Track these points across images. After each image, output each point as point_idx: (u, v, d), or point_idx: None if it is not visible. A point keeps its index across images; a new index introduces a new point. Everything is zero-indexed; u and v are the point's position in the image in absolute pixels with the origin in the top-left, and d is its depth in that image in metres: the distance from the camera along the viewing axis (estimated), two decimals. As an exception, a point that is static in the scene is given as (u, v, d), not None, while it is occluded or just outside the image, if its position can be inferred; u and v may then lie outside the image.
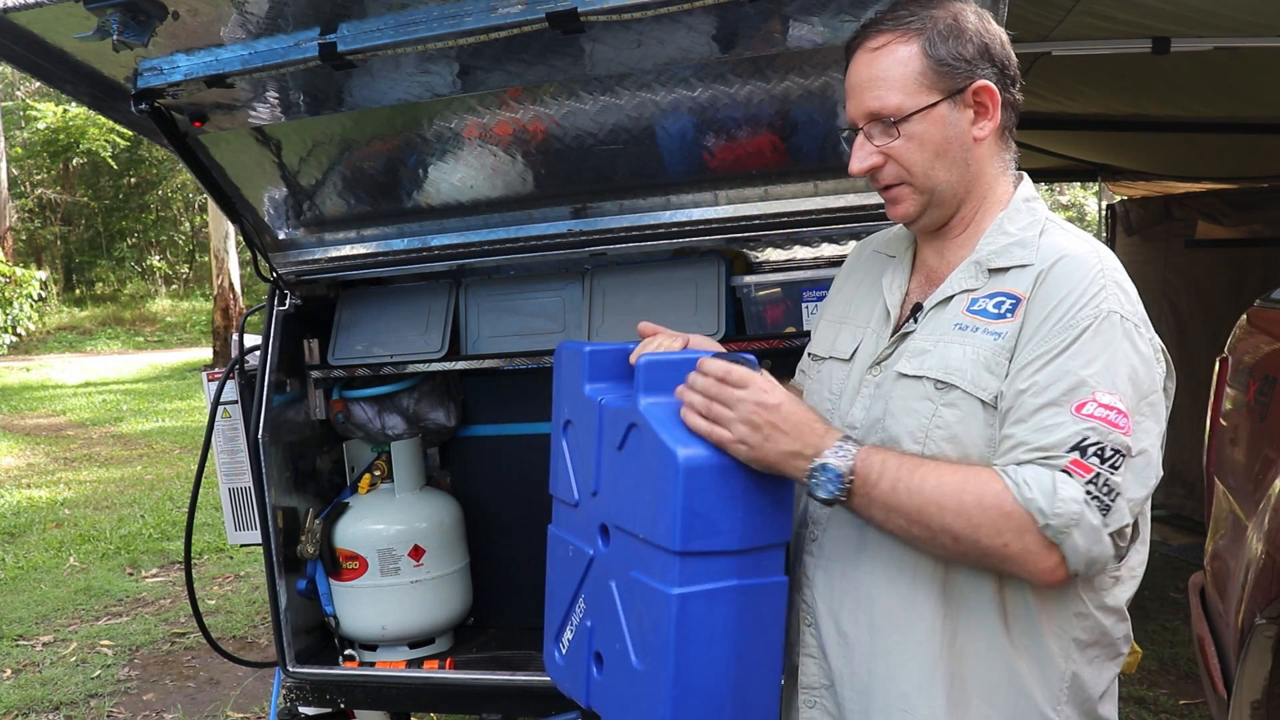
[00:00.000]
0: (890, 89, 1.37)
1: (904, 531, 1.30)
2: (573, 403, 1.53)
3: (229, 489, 2.89)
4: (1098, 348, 1.26)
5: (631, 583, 1.35)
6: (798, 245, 2.73)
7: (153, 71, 2.17)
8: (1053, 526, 1.22)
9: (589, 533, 1.47)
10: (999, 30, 1.42)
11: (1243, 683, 2.05)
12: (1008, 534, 1.23)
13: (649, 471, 1.32)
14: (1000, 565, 1.28)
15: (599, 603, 1.44)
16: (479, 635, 3.02)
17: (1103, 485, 1.22)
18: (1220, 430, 2.67)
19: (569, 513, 1.55)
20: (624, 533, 1.38)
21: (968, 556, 1.29)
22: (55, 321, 22.21)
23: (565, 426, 1.57)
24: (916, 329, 1.41)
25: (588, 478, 1.48)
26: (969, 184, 1.42)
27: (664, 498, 1.29)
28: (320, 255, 2.89)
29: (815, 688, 1.48)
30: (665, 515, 1.28)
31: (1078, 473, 1.22)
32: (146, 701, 4.13)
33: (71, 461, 9.53)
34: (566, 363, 1.58)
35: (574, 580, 1.51)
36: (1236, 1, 3.34)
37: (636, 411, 1.34)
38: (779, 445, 1.29)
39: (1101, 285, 1.30)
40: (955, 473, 1.28)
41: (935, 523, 1.26)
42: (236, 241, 14.99)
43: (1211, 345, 3.16)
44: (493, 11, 1.93)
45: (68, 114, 21.21)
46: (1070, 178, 9.57)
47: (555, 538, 1.60)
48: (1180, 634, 4.17)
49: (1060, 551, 1.23)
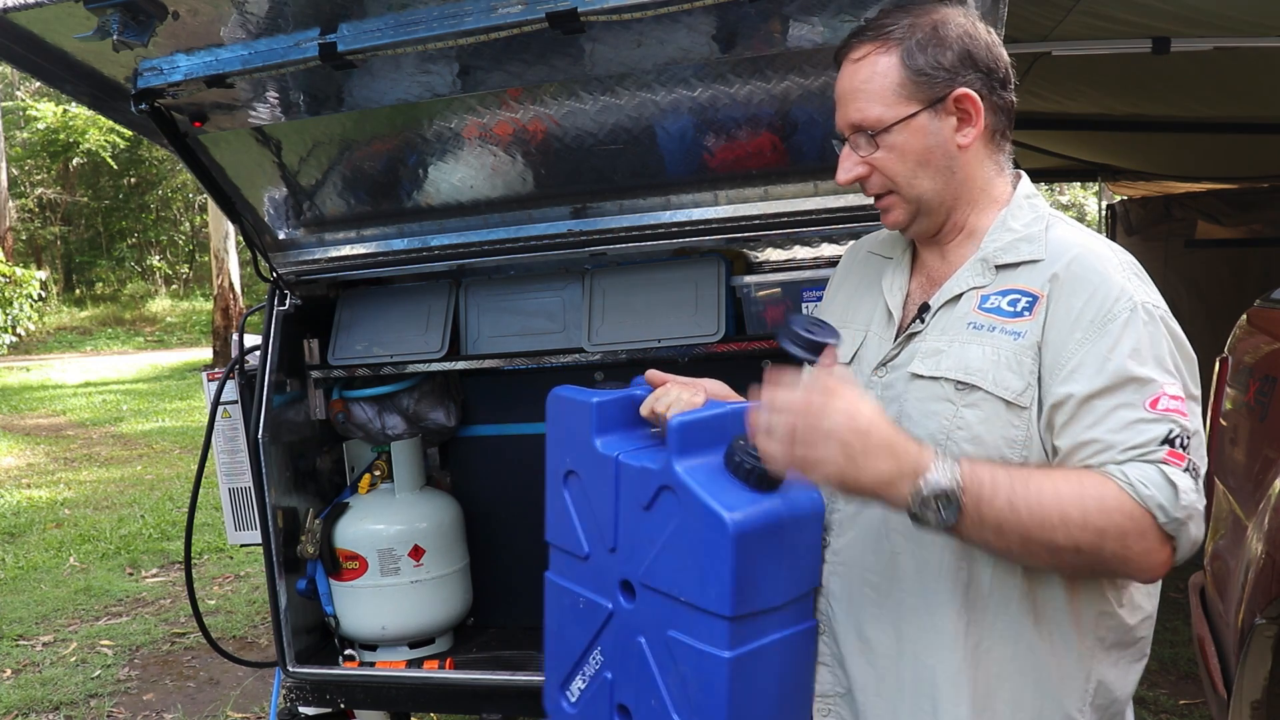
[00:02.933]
0: (870, 100, 1.37)
1: (1019, 550, 1.23)
2: (578, 455, 1.47)
3: (229, 489, 2.89)
4: (1145, 341, 1.27)
5: (670, 641, 1.34)
6: (798, 245, 2.73)
7: (153, 71, 2.17)
8: (1176, 519, 1.21)
9: (606, 587, 1.44)
10: (985, 34, 1.41)
11: (1243, 683, 2.05)
12: (1131, 536, 1.20)
13: (690, 536, 1.28)
14: (1113, 569, 1.26)
15: (622, 657, 1.42)
16: (479, 635, 3.02)
17: (1194, 470, 1.23)
18: (1220, 430, 2.67)
19: (575, 564, 1.50)
20: (657, 592, 1.35)
21: (1081, 568, 1.26)
22: (55, 321, 22.22)
23: (567, 477, 1.50)
24: (925, 329, 1.40)
25: (602, 533, 1.44)
26: (956, 191, 1.41)
27: (713, 564, 1.25)
28: (320, 255, 2.89)
29: (830, 695, 1.47)
30: (715, 581, 1.25)
31: (1175, 463, 1.22)
32: (146, 701, 4.13)
33: (71, 461, 9.53)
34: (567, 412, 1.50)
35: (586, 632, 1.48)
36: (1236, 1, 3.34)
37: (672, 475, 1.30)
38: (874, 471, 1.18)
39: (1125, 277, 1.31)
40: (1067, 480, 1.22)
41: (1060, 536, 1.19)
42: (236, 241, 14.99)
43: (1211, 345, 3.16)
44: (493, 11, 1.92)
45: (68, 114, 21.22)
46: (1070, 178, 9.57)
47: (558, 587, 1.54)
48: (1180, 634, 4.17)
49: (1173, 544, 1.23)
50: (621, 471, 1.40)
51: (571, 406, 1.49)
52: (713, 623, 1.27)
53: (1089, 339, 1.27)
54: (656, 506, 1.34)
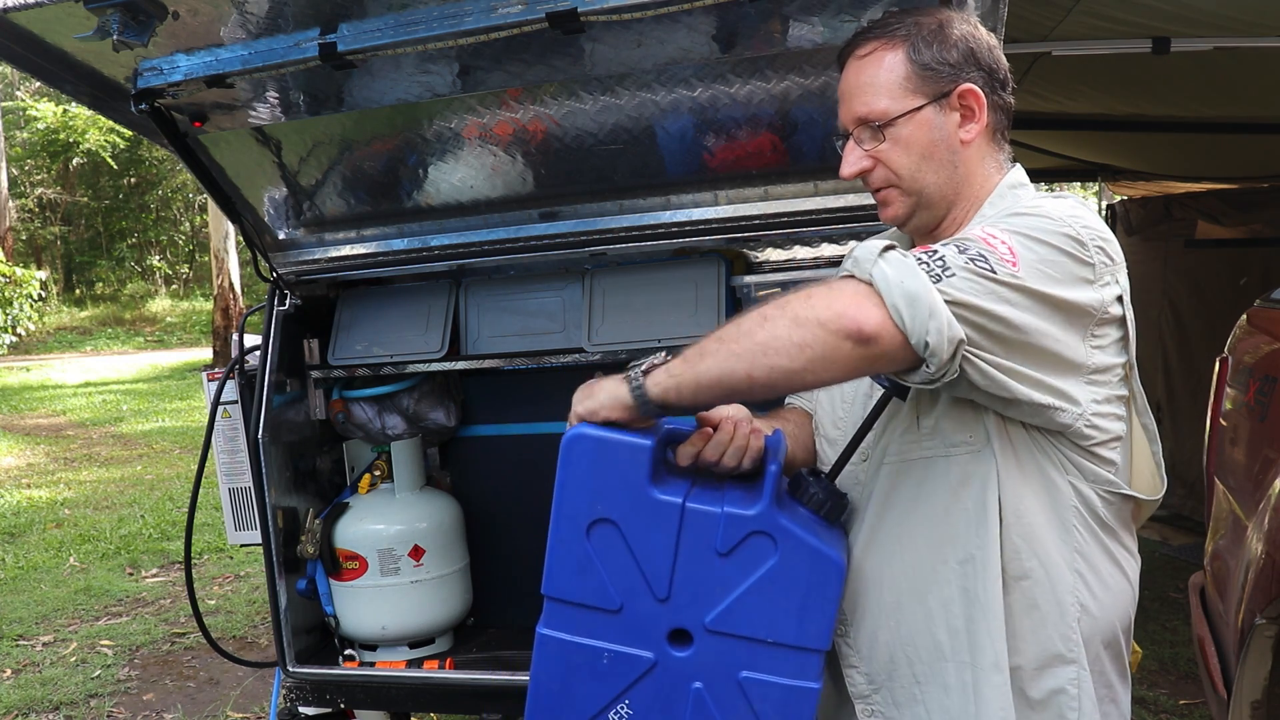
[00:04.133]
0: (877, 94, 1.39)
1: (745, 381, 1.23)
2: (618, 502, 1.39)
3: (229, 489, 2.89)
4: (1014, 218, 1.29)
5: (744, 683, 1.40)
6: (798, 245, 2.73)
7: (153, 71, 2.17)
8: (860, 262, 1.20)
9: (645, 639, 1.42)
10: (987, 36, 1.44)
11: (1243, 683, 2.05)
12: (832, 295, 1.19)
13: (789, 577, 1.37)
14: (851, 339, 1.17)
15: (663, 707, 1.44)
16: (479, 635, 3.02)
17: (936, 259, 1.20)
18: (1220, 430, 2.67)
19: (593, 618, 1.44)
20: (728, 636, 1.40)
21: (820, 357, 1.19)
22: (55, 321, 22.23)
23: (593, 527, 1.40)
24: None
25: (650, 583, 1.41)
26: (957, 186, 1.43)
27: (816, 602, 1.37)
28: (320, 255, 2.89)
29: (867, 695, 1.48)
30: (817, 618, 1.37)
31: (913, 253, 1.21)
32: (146, 701, 4.13)
33: (71, 461, 9.53)
34: (601, 456, 1.38)
35: (608, 687, 1.45)
36: (1236, 1, 3.34)
37: (773, 520, 1.36)
38: (597, 399, 1.34)
39: (1057, 207, 1.31)
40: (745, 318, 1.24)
41: (760, 334, 1.20)
42: (236, 241, 15.00)
43: (1211, 345, 3.16)
44: (493, 11, 1.93)
45: (68, 114, 21.23)
46: (1070, 178, 9.55)
47: (559, 643, 1.46)
48: (1180, 634, 4.17)
49: (878, 295, 1.17)
50: (689, 518, 1.37)
51: (612, 449, 1.36)
52: (805, 658, 1.38)
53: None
54: (740, 551, 1.38)
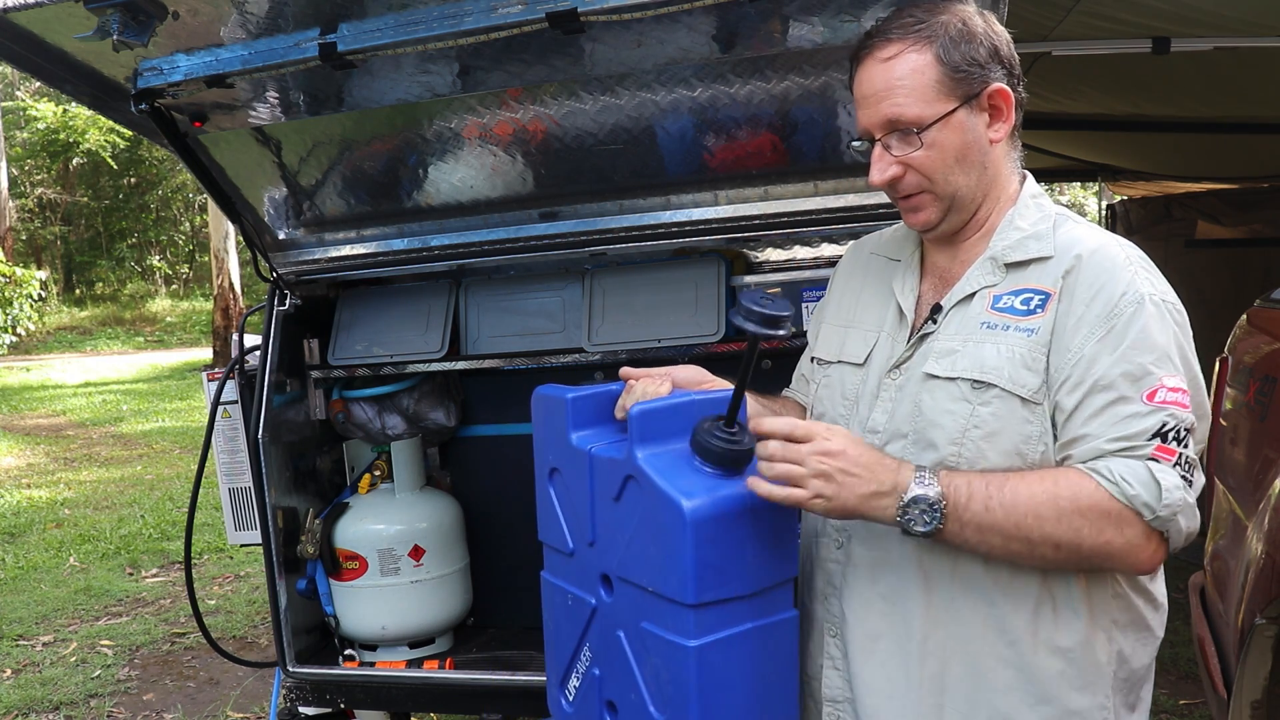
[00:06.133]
0: (908, 98, 1.35)
1: (1000, 549, 1.28)
2: (558, 451, 1.49)
3: (229, 489, 2.89)
4: (1147, 333, 1.28)
5: (643, 634, 1.34)
6: (798, 245, 2.73)
7: (153, 71, 2.17)
8: (1161, 517, 1.24)
9: (588, 582, 1.45)
10: (1003, 30, 1.43)
11: (1243, 683, 2.05)
12: (1109, 531, 1.24)
13: (652, 524, 1.30)
14: (1101, 563, 1.29)
15: (607, 652, 1.43)
16: (479, 635, 3.02)
17: (1186, 464, 1.25)
18: (1220, 430, 2.67)
19: (563, 561, 1.52)
20: (630, 584, 1.36)
21: (1067, 562, 1.29)
22: (55, 321, 22.22)
23: (551, 474, 1.53)
24: (937, 329, 1.41)
25: (582, 527, 1.45)
26: (986, 187, 1.42)
27: (672, 551, 1.27)
28: (320, 255, 2.89)
29: (839, 700, 1.46)
30: (675, 569, 1.27)
31: (1164, 458, 1.24)
32: (146, 701, 4.13)
33: (71, 461, 9.53)
34: (547, 409, 1.52)
35: (576, 629, 1.49)
36: (1236, 1, 3.34)
37: (633, 463, 1.31)
38: (855, 489, 1.26)
39: (1133, 272, 1.32)
40: (1041, 480, 1.27)
41: (1035, 534, 1.25)
42: (236, 241, 14.99)
43: (1211, 345, 3.16)
44: (493, 11, 1.92)
45: (68, 114, 21.22)
46: (1070, 178, 9.56)
47: (551, 585, 1.57)
48: (1180, 634, 4.16)
49: (1162, 537, 1.26)
50: (594, 464, 1.41)
51: (550, 404, 1.51)
52: (679, 612, 1.28)
53: (1094, 334, 1.29)
54: (624, 497, 1.35)
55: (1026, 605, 1.34)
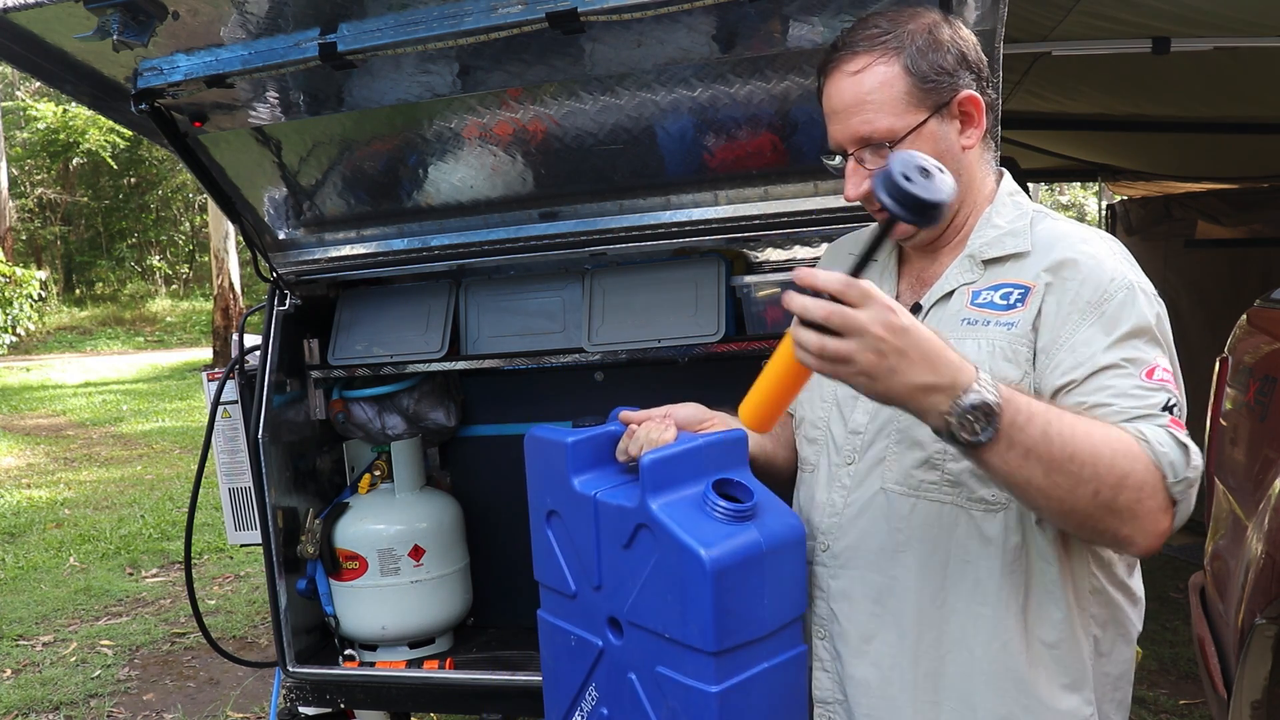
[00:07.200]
0: (878, 112, 1.35)
1: (1037, 482, 1.15)
2: (557, 494, 1.48)
3: (229, 489, 2.89)
4: (1142, 317, 1.28)
5: (659, 678, 1.34)
6: (798, 245, 2.73)
7: (153, 71, 2.17)
8: (1188, 479, 1.19)
9: (594, 625, 1.45)
10: (969, 34, 1.42)
11: (1243, 683, 2.05)
12: (1146, 490, 1.17)
13: (669, 573, 1.29)
14: (1116, 526, 1.19)
15: (616, 693, 1.42)
16: (479, 635, 3.02)
17: (1184, 436, 1.24)
18: (1220, 430, 2.67)
19: (564, 602, 1.51)
20: (642, 629, 1.35)
21: (1089, 515, 1.18)
22: (55, 321, 22.22)
23: (549, 516, 1.51)
24: None
25: (587, 571, 1.44)
26: (962, 194, 1.41)
27: (692, 600, 1.26)
28: (320, 255, 2.89)
29: (830, 702, 1.46)
30: (696, 618, 1.26)
31: (1178, 429, 1.23)
32: (146, 701, 4.13)
33: (71, 461, 9.53)
34: (543, 452, 1.50)
35: (579, 669, 1.48)
36: (1236, 1, 3.34)
37: (648, 513, 1.30)
38: (909, 377, 1.10)
39: (1118, 261, 1.33)
40: (1099, 424, 1.19)
41: (1086, 472, 1.15)
42: (236, 241, 15.00)
43: (1211, 345, 3.16)
44: (493, 11, 1.92)
45: (68, 114, 21.23)
46: (1070, 178, 9.57)
47: (550, 625, 1.55)
48: (1180, 634, 4.17)
49: (1174, 510, 1.20)
50: (600, 510, 1.40)
51: (548, 447, 1.49)
52: (698, 659, 1.28)
53: (1087, 319, 1.29)
54: (636, 545, 1.35)
55: (1015, 602, 1.34)
